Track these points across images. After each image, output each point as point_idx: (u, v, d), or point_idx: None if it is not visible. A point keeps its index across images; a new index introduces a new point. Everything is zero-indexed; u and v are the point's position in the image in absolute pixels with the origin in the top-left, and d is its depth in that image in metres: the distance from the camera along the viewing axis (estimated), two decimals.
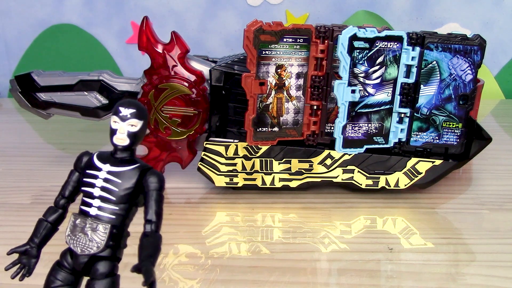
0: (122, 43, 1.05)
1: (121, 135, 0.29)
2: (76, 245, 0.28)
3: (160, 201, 0.29)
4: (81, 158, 0.31)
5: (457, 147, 0.57)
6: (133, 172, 0.29)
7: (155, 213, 0.28)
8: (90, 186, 0.29)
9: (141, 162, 0.30)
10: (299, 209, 0.56)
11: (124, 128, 0.29)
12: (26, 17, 1.04)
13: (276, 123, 0.54)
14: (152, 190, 0.29)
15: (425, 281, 0.44)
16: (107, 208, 0.28)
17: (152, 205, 0.28)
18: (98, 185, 0.29)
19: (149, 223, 0.28)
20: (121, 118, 0.29)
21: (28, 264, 0.30)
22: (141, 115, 0.29)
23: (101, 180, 0.29)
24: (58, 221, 0.31)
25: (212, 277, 0.44)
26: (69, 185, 0.31)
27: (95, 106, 0.60)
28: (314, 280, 0.44)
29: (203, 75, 0.57)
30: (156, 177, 0.29)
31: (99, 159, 0.30)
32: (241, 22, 1.00)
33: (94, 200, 0.29)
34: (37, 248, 0.30)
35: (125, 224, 0.29)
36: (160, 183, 0.29)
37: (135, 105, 0.29)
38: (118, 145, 0.29)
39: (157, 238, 0.28)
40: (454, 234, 0.52)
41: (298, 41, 0.52)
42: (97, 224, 0.28)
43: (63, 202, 0.31)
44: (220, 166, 0.58)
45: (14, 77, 0.62)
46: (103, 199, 0.28)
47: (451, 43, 0.53)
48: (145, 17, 0.57)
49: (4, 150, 0.75)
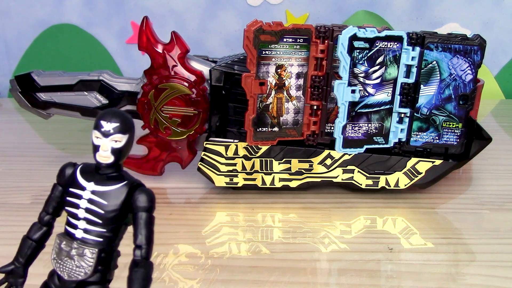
0: (122, 43, 1.04)
1: (104, 153, 0.26)
2: (62, 270, 0.27)
3: (150, 223, 0.27)
4: (63, 171, 0.29)
5: (457, 147, 0.57)
6: (120, 190, 0.26)
7: (145, 237, 0.26)
8: (74, 207, 0.27)
9: (129, 178, 0.28)
10: (299, 209, 0.56)
11: (107, 145, 0.26)
12: (26, 17, 1.04)
13: (276, 123, 0.54)
14: (141, 211, 0.27)
15: (425, 281, 0.44)
16: (93, 231, 0.26)
17: (142, 229, 0.26)
18: (82, 206, 0.26)
19: (139, 249, 0.26)
20: (103, 134, 0.26)
21: (15, 283, 0.29)
22: (125, 129, 0.27)
23: (85, 200, 0.26)
24: (43, 238, 0.29)
25: (212, 277, 0.44)
26: (52, 200, 0.29)
27: (95, 106, 0.60)
28: (314, 280, 0.44)
29: (203, 75, 0.57)
30: (145, 196, 0.27)
31: (82, 175, 0.27)
32: (241, 22, 1.00)
33: (79, 221, 0.27)
34: (23, 268, 0.29)
35: (114, 245, 0.27)
36: (150, 203, 0.27)
37: (119, 118, 0.26)
38: (102, 163, 0.27)
39: (147, 268, 0.26)
40: (454, 234, 0.52)
41: (298, 41, 0.52)
42: (84, 249, 0.26)
43: (47, 218, 0.29)
44: (220, 166, 0.58)
45: (14, 77, 0.62)
46: (89, 221, 0.26)
47: (451, 43, 0.53)
48: (145, 17, 0.57)
49: (4, 150, 0.75)
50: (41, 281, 0.33)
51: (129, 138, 0.27)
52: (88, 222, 0.26)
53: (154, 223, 0.27)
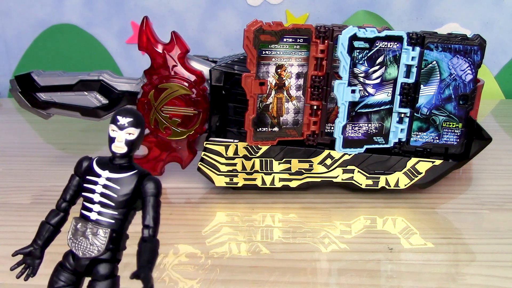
0: (122, 43, 1.05)
1: (119, 143, 0.30)
2: (77, 248, 0.30)
3: (157, 206, 0.30)
4: (81, 163, 0.32)
5: (457, 147, 0.57)
6: (131, 178, 0.30)
7: (152, 218, 0.29)
8: (90, 192, 0.30)
9: (139, 168, 0.31)
10: (299, 209, 0.56)
11: (122, 137, 0.30)
12: (26, 17, 1.04)
13: (276, 123, 0.54)
14: (150, 196, 0.30)
15: (425, 281, 0.44)
16: (106, 213, 0.30)
17: (150, 211, 0.29)
18: (97, 191, 0.30)
19: (147, 228, 0.29)
20: (119, 127, 0.30)
21: (32, 264, 0.31)
22: (138, 123, 0.30)
23: (101, 186, 0.30)
24: (60, 223, 0.32)
25: (212, 277, 0.44)
26: (70, 189, 0.32)
27: (95, 106, 0.60)
28: (314, 280, 0.44)
29: (203, 75, 0.57)
30: (153, 183, 0.30)
31: (98, 165, 0.31)
32: (241, 22, 1.00)
33: (94, 205, 0.30)
34: (40, 249, 0.32)
35: (124, 227, 0.30)
36: (157, 189, 0.30)
37: (133, 114, 0.31)
38: (117, 153, 0.30)
39: (154, 243, 0.29)
40: (454, 234, 0.52)
41: (298, 41, 0.52)
42: (98, 229, 0.29)
43: (64, 205, 0.32)
44: (220, 166, 0.58)
45: (14, 77, 0.62)
46: (103, 205, 0.30)
47: (451, 43, 0.53)
48: (145, 17, 0.57)
49: (4, 150, 0.75)
50: (43, 281, 0.33)
51: (141, 132, 0.31)
52: (102, 205, 0.30)
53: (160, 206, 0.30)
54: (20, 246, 0.48)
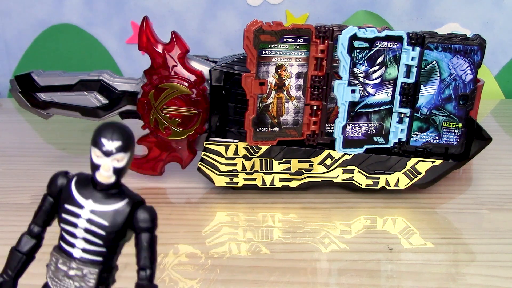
0: (122, 43, 1.04)
1: (106, 173, 0.25)
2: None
3: (153, 243, 0.26)
4: (55, 181, 0.27)
5: (457, 147, 0.57)
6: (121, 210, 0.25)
7: (149, 260, 0.26)
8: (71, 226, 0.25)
9: (129, 193, 0.26)
10: (299, 209, 0.56)
11: (109, 165, 0.24)
12: (26, 17, 1.04)
13: (276, 123, 0.54)
14: (144, 232, 0.26)
15: (425, 281, 0.44)
16: (92, 250, 0.25)
17: (145, 250, 0.26)
18: (81, 226, 0.25)
19: (143, 270, 0.26)
20: (104, 153, 0.24)
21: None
22: (127, 147, 0.25)
23: (84, 220, 0.25)
24: (33, 251, 0.28)
25: (212, 277, 0.44)
26: (43, 213, 0.27)
27: (95, 106, 0.60)
28: (314, 280, 0.44)
29: (203, 75, 0.57)
30: (147, 215, 0.26)
31: (79, 190, 0.25)
32: (241, 22, 1.00)
33: (76, 240, 0.25)
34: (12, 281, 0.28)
35: (113, 261, 0.26)
36: (152, 222, 0.26)
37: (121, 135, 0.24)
38: (103, 183, 0.25)
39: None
40: (454, 234, 0.52)
41: (298, 41, 0.52)
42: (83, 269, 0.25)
43: (37, 230, 0.28)
44: (220, 166, 0.58)
45: (14, 77, 0.62)
46: (88, 241, 0.25)
47: (451, 43, 0.53)
48: (145, 17, 0.57)
49: (4, 150, 0.75)
50: (38, 281, 0.32)
51: (131, 155, 0.25)
52: (87, 242, 0.25)
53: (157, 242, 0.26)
54: None
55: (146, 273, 0.26)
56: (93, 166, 0.25)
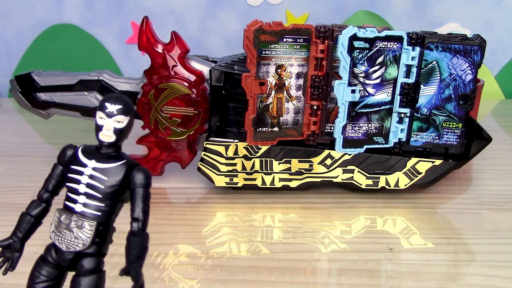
0: (122, 43, 1.05)
1: (107, 132, 0.28)
2: (61, 241, 0.28)
3: (147, 198, 0.28)
4: (64, 151, 0.30)
5: (457, 147, 0.57)
6: (119, 168, 0.28)
7: (142, 211, 0.28)
8: (75, 182, 0.28)
9: (127, 158, 0.29)
10: (299, 209, 0.56)
11: (111, 125, 0.28)
12: (26, 17, 1.04)
13: (276, 123, 0.54)
14: (139, 187, 0.28)
15: (425, 281, 0.44)
16: (92, 205, 0.28)
17: (139, 203, 0.28)
18: (83, 182, 0.28)
19: (136, 221, 0.28)
20: (107, 114, 0.28)
21: (12, 258, 0.30)
22: (127, 111, 0.29)
23: (87, 176, 0.28)
24: (41, 215, 0.30)
25: (212, 277, 0.44)
26: (52, 179, 0.30)
27: (95, 106, 0.60)
28: (314, 280, 0.44)
29: (203, 75, 0.57)
30: (142, 174, 0.28)
31: (84, 154, 0.29)
32: (241, 22, 1.00)
33: (79, 196, 0.28)
34: (20, 242, 0.30)
35: (110, 220, 0.29)
36: (146, 180, 0.28)
37: (122, 101, 0.29)
38: (104, 142, 0.29)
39: (143, 237, 0.28)
40: (454, 234, 0.52)
41: (298, 41, 0.52)
42: (83, 221, 0.27)
43: (46, 196, 0.30)
44: (220, 166, 0.58)
45: (14, 77, 0.62)
46: (89, 196, 0.28)
47: (451, 43, 0.53)
48: (145, 17, 0.57)
49: (4, 150, 0.75)
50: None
51: (130, 120, 0.29)
52: (88, 197, 0.28)
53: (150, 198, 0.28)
54: None
55: (139, 224, 0.28)
56: (97, 127, 0.28)
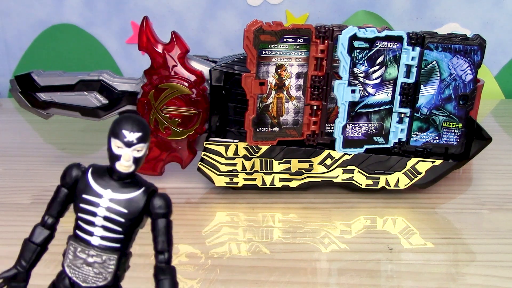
0: (122, 43, 1.04)
1: (127, 163, 0.26)
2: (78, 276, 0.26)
3: (169, 228, 0.27)
4: (69, 173, 0.28)
5: (457, 147, 0.57)
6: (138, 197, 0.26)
7: (166, 243, 0.27)
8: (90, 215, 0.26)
9: (144, 182, 0.28)
10: (299, 209, 0.56)
11: (130, 155, 0.26)
12: (26, 17, 1.04)
13: (276, 123, 0.54)
14: (161, 217, 0.27)
15: (425, 281, 0.44)
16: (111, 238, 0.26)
17: (162, 235, 0.27)
18: (100, 214, 0.26)
19: (161, 254, 0.27)
20: (126, 144, 0.25)
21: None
22: (146, 137, 0.26)
23: (103, 209, 0.26)
24: (46, 242, 0.28)
25: (212, 277, 0.44)
26: (57, 204, 0.28)
27: (95, 106, 0.60)
28: (314, 280, 0.44)
29: (203, 75, 0.57)
30: (163, 202, 0.27)
31: (96, 181, 0.27)
32: (241, 22, 1.00)
33: (95, 228, 0.26)
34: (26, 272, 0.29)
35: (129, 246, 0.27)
36: (167, 208, 0.27)
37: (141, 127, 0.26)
38: (123, 173, 0.26)
39: (173, 274, 0.27)
40: (454, 234, 0.52)
41: (298, 41, 0.52)
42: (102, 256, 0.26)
43: (51, 221, 0.28)
44: (220, 166, 0.58)
45: (14, 77, 0.62)
46: (106, 229, 0.26)
47: (451, 43, 0.53)
48: (145, 17, 0.57)
49: (4, 150, 0.75)
50: (41, 281, 0.32)
51: (148, 144, 0.27)
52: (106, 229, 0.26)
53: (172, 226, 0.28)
54: (20, 246, 0.48)
55: (165, 256, 0.27)
56: (113, 156, 0.26)
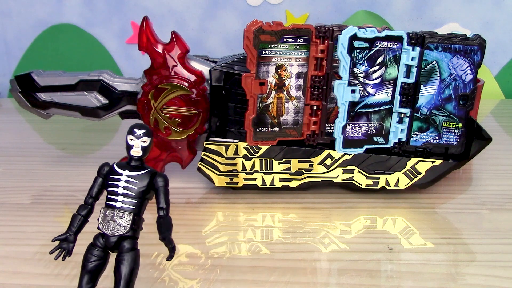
0: (122, 43, 1.05)
1: (137, 149, 0.39)
2: (107, 229, 0.38)
3: (167, 193, 0.39)
4: (103, 167, 0.40)
5: (457, 147, 0.57)
6: (145, 175, 0.39)
7: (165, 201, 0.39)
8: (115, 187, 0.39)
9: (149, 168, 0.40)
10: (299, 209, 0.56)
11: (138, 144, 0.39)
12: (26, 17, 1.04)
13: (276, 123, 0.54)
14: (161, 187, 0.39)
15: (425, 281, 0.44)
16: (128, 201, 0.38)
17: (162, 197, 0.39)
18: (121, 186, 0.39)
19: (162, 209, 0.39)
20: (136, 137, 0.39)
21: (68, 248, 0.38)
22: (149, 134, 0.40)
23: (123, 182, 0.39)
24: (88, 214, 0.40)
25: (212, 277, 0.44)
26: (95, 187, 0.40)
27: (95, 106, 0.60)
28: (314, 280, 0.44)
29: (203, 75, 0.57)
30: (162, 178, 0.39)
31: (118, 167, 0.39)
32: (241, 22, 1.00)
33: (118, 196, 0.38)
34: (74, 235, 0.39)
35: (141, 212, 0.39)
36: (165, 181, 0.39)
37: (145, 127, 0.40)
38: (134, 156, 0.39)
39: (169, 219, 0.39)
40: (454, 234, 0.52)
41: (298, 41, 0.52)
42: (123, 213, 0.38)
43: (91, 200, 0.40)
44: (220, 166, 0.58)
45: (14, 77, 0.62)
46: (125, 195, 0.38)
47: (451, 43, 0.53)
48: (145, 17, 0.57)
49: (4, 150, 0.75)
50: (40, 281, 0.32)
51: (151, 140, 0.40)
52: (125, 196, 0.38)
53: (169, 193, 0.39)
54: (20, 246, 0.49)
55: (164, 211, 0.39)
56: (128, 146, 0.39)
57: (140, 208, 0.39)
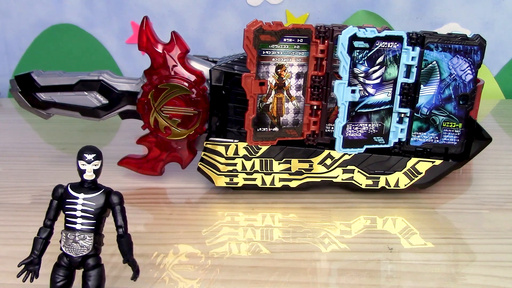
0: (122, 43, 1.05)
1: (89, 173, 0.40)
2: (71, 251, 0.40)
3: (123, 210, 0.40)
4: (57, 190, 0.41)
5: (457, 147, 0.57)
6: (100, 195, 0.40)
7: (122, 219, 0.40)
8: (72, 211, 0.40)
9: (103, 187, 0.41)
10: (299, 209, 0.56)
11: (90, 168, 0.40)
12: (26, 17, 1.04)
13: (276, 123, 0.54)
14: (117, 205, 0.40)
15: (425, 281, 0.44)
16: (87, 223, 0.40)
17: (119, 214, 0.40)
18: (78, 209, 0.40)
19: (120, 227, 0.40)
20: (87, 162, 0.40)
21: (34, 270, 0.40)
22: (99, 156, 0.41)
23: (80, 205, 0.40)
24: (48, 236, 0.41)
25: (212, 277, 0.44)
26: (52, 211, 0.41)
27: (95, 106, 0.60)
28: (314, 280, 0.44)
29: (203, 75, 0.57)
30: (117, 196, 0.40)
31: (73, 190, 0.40)
32: (241, 22, 1.00)
33: (77, 219, 0.40)
34: (38, 258, 0.40)
35: (100, 229, 0.41)
36: (120, 200, 0.40)
37: (94, 151, 0.41)
38: (88, 180, 0.40)
39: (128, 237, 0.40)
40: (454, 234, 0.52)
41: (298, 41, 0.52)
42: (84, 235, 0.40)
43: (49, 223, 0.41)
44: (220, 166, 0.58)
45: (14, 77, 0.62)
46: (84, 217, 0.40)
47: (451, 43, 0.53)
48: (145, 17, 0.57)
49: (4, 150, 0.75)
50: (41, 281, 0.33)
51: (101, 162, 0.41)
52: (83, 218, 0.40)
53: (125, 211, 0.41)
54: (20, 245, 0.49)
55: (123, 229, 0.40)
56: (81, 171, 0.40)
57: (99, 226, 0.40)
